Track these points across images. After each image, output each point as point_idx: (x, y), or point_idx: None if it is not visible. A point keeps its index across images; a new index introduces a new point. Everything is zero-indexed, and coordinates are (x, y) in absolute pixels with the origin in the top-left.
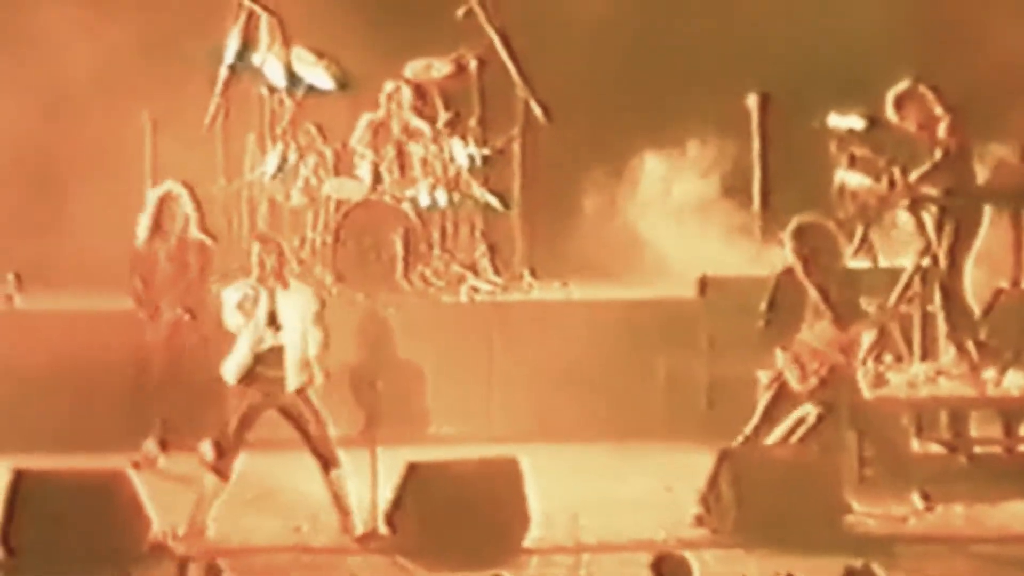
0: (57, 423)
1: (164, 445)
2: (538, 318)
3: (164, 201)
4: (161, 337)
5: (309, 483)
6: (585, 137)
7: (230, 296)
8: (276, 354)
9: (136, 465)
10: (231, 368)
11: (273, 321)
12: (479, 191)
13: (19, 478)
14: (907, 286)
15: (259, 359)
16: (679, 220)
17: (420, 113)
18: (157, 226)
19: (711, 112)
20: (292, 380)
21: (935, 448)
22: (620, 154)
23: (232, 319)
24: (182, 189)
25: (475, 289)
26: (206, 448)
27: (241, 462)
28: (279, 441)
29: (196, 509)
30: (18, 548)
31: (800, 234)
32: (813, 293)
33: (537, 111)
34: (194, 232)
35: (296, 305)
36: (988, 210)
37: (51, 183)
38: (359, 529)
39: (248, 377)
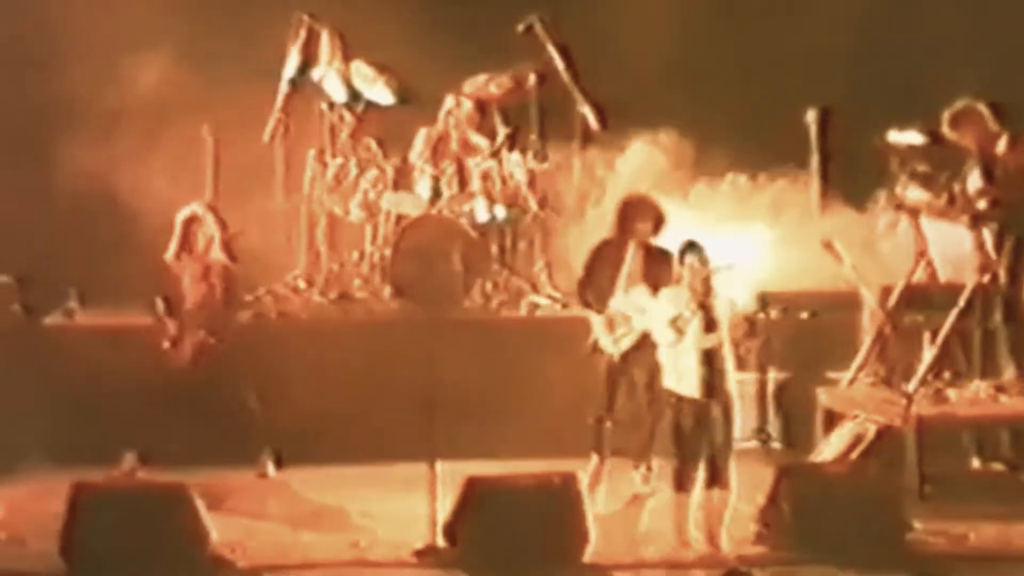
0: (117, 436)
1: (144, 459)
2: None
3: (189, 223)
4: (184, 358)
5: (366, 498)
6: (644, 151)
7: (662, 307)
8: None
9: (115, 478)
10: (691, 382)
11: (711, 326)
12: (537, 206)
13: (79, 490)
14: (968, 303)
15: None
16: (734, 232)
17: (479, 128)
18: (183, 248)
19: (771, 126)
20: (732, 378)
21: (996, 466)
22: (678, 168)
23: (664, 335)
24: (207, 211)
25: (535, 304)
26: (266, 461)
27: (299, 477)
28: (335, 455)
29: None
30: (77, 561)
31: (626, 206)
32: (630, 261)
33: (593, 123)
34: (217, 253)
35: (722, 305)
36: None
37: (113, 199)
38: None
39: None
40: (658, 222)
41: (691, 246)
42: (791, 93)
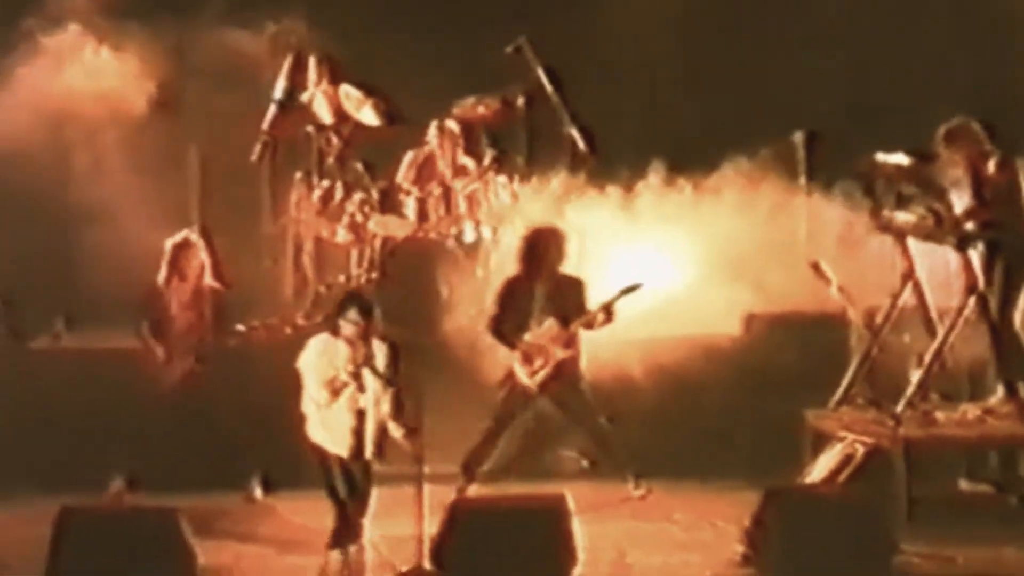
0: (104, 460)
1: (132, 484)
2: (586, 354)
3: (179, 249)
4: (173, 382)
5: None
6: (631, 173)
7: (311, 363)
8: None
9: (103, 502)
10: (342, 441)
11: (363, 388)
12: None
13: (65, 515)
14: (953, 325)
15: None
16: (724, 256)
17: (467, 150)
18: (173, 273)
19: (758, 148)
20: (370, 447)
21: (985, 488)
22: (666, 186)
23: (317, 393)
24: (198, 237)
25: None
26: (254, 485)
27: (286, 501)
28: (322, 479)
29: None
30: None
31: (533, 238)
32: (541, 293)
33: (581, 144)
34: (208, 279)
35: (381, 360)
36: None
37: (99, 222)
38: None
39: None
40: (562, 250)
41: (351, 298)
42: (780, 114)
